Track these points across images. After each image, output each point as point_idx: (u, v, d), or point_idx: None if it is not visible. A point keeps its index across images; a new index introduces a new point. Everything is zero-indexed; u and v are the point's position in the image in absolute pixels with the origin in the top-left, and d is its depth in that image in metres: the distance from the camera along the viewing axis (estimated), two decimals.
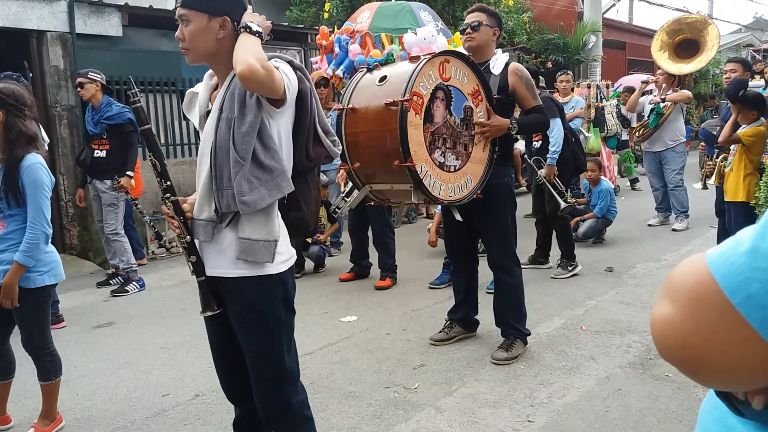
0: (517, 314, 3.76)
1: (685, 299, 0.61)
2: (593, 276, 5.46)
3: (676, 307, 0.61)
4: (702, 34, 8.64)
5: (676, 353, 0.62)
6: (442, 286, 5.22)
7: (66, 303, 5.15)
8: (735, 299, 0.56)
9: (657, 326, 0.64)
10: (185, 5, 1.88)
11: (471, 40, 3.67)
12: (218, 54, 1.93)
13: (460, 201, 3.50)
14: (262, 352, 1.99)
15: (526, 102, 3.68)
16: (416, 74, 3.21)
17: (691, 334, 0.60)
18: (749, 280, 0.55)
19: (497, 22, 3.75)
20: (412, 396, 3.28)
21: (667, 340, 0.63)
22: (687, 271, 0.62)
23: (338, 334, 4.25)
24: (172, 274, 6.27)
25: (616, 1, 16.13)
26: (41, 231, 2.80)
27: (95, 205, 5.78)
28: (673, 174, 7.23)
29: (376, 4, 7.34)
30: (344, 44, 6.37)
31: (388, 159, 3.24)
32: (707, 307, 0.58)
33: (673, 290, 0.63)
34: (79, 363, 3.97)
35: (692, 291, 0.60)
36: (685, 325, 0.60)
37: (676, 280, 0.63)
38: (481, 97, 3.54)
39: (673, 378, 3.35)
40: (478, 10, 3.75)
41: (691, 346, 0.60)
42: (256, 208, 1.86)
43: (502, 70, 3.65)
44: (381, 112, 3.28)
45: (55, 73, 6.57)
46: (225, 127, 1.87)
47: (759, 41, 26.20)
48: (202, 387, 3.52)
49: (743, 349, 0.57)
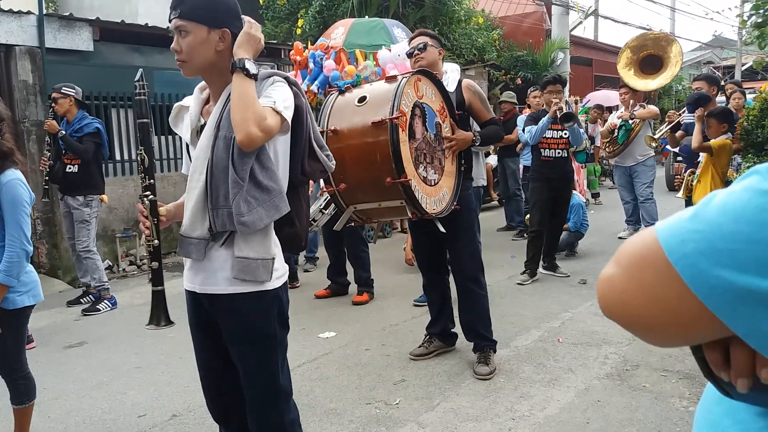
0: (486, 322, 3.83)
1: (629, 261, 0.66)
2: (567, 288, 5.54)
3: (620, 269, 0.66)
4: (665, 51, 8.91)
5: (617, 310, 0.67)
6: (425, 304, 5.12)
7: (35, 322, 5.00)
8: (672, 257, 0.60)
9: (601, 286, 0.69)
10: (184, 17, 1.85)
11: (421, 60, 3.75)
12: (216, 66, 1.92)
13: (441, 213, 3.55)
14: (256, 370, 1.96)
15: (482, 115, 3.83)
16: (401, 92, 3.26)
17: (631, 291, 0.65)
18: (686, 241, 0.60)
19: (440, 43, 3.89)
20: (394, 412, 3.27)
21: (608, 298, 0.68)
22: (636, 239, 0.67)
23: (317, 350, 4.23)
24: (144, 292, 6.15)
25: (583, 18, 16.49)
26: (21, 249, 2.72)
27: (66, 222, 5.67)
28: (644, 187, 7.41)
29: (350, 21, 7.41)
30: (318, 60, 6.39)
31: (379, 177, 3.26)
32: (648, 266, 0.63)
33: (620, 255, 0.68)
34: (50, 385, 3.86)
35: (636, 253, 0.65)
36: (627, 284, 0.65)
37: (624, 247, 0.68)
38: (446, 114, 3.64)
39: (651, 388, 3.40)
40: (421, 34, 3.89)
41: (629, 304, 0.65)
42: (255, 228, 1.86)
43: (456, 87, 3.78)
44: (368, 131, 3.29)
45: (23, 88, 6.44)
46: (223, 146, 1.85)
47: (719, 59, 27.04)
48: (179, 407, 3.46)
49: (677, 306, 0.61)
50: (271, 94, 1.87)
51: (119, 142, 7.41)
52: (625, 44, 9.24)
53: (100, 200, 5.56)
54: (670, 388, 3.40)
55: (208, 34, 1.87)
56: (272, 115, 1.81)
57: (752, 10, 5.09)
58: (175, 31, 1.89)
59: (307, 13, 10.24)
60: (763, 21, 5.04)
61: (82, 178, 5.38)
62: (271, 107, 1.83)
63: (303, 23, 10.10)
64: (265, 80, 1.91)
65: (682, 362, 3.75)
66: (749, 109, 4.83)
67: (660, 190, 8.09)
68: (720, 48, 27.10)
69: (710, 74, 6.19)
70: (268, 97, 1.86)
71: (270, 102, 1.84)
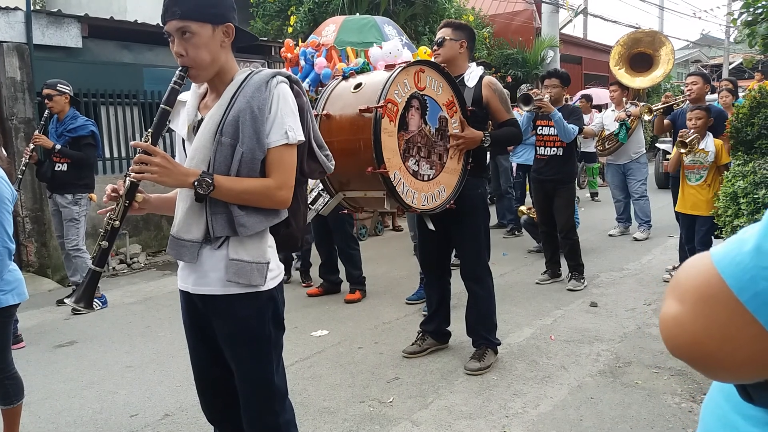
0: (488, 325, 3.81)
1: (694, 298, 0.62)
2: (559, 285, 5.55)
3: (686, 307, 0.63)
4: (657, 49, 8.97)
5: (687, 350, 0.64)
6: (420, 302, 5.06)
7: (25, 322, 4.97)
8: (743, 297, 0.58)
9: (667, 325, 0.66)
10: (186, 17, 1.77)
11: (437, 56, 3.72)
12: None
13: (433, 210, 3.51)
14: (251, 371, 1.94)
15: (500, 115, 3.72)
16: (391, 82, 3.20)
17: (701, 332, 0.62)
18: (756, 279, 0.57)
19: (464, 35, 3.76)
20: (388, 410, 3.26)
21: (677, 339, 0.65)
22: (694, 272, 0.64)
23: (309, 349, 4.21)
24: (135, 291, 6.11)
25: (573, 17, 16.54)
26: (3, 246, 2.69)
27: (54, 221, 5.61)
28: (638, 185, 7.47)
29: (341, 18, 7.38)
30: (310, 57, 6.37)
31: (362, 165, 3.22)
32: (716, 305, 0.60)
33: (681, 290, 0.65)
34: (40, 384, 3.82)
35: (701, 290, 0.62)
36: (695, 324, 0.62)
37: (683, 281, 0.65)
38: (455, 109, 3.56)
39: (643, 385, 3.42)
40: (444, 25, 3.81)
41: (701, 343, 0.62)
42: (254, 231, 1.85)
43: (477, 83, 3.69)
44: (355, 119, 3.26)
45: (11, 85, 6.37)
46: (227, 152, 1.82)
47: (706, 57, 27.24)
48: (171, 406, 3.44)
49: (752, 345, 0.59)
50: (284, 119, 1.84)
51: (108, 139, 7.34)
52: (617, 42, 9.31)
53: (89, 198, 5.51)
54: (663, 385, 3.42)
55: (213, 31, 1.82)
56: (288, 154, 1.85)
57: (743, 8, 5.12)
58: (175, 33, 1.80)
59: (298, 10, 10.20)
60: (754, 19, 5.07)
61: (71, 176, 5.33)
62: (286, 143, 1.83)
63: (294, 21, 10.06)
64: (269, 81, 1.86)
65: (674, 359, 3.74)
66: (739, 107, 4.85)
67: (650, 187, 8.13)
68: (708, 47, 27.30)
69: (704, 72, 6.22)
70: (280, 126, 1.83)
71: (283, 137, 1.83)
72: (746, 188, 3.79)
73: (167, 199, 2.06)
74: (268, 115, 1.83)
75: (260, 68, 1.96)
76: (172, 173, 1.77)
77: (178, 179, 1.79)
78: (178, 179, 1.79)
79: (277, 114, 1.84)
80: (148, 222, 7.59)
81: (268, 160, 1.85)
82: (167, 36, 1.84)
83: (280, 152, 1.85)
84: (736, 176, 4.04)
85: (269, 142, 1.84)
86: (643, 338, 4.15)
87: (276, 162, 1.85)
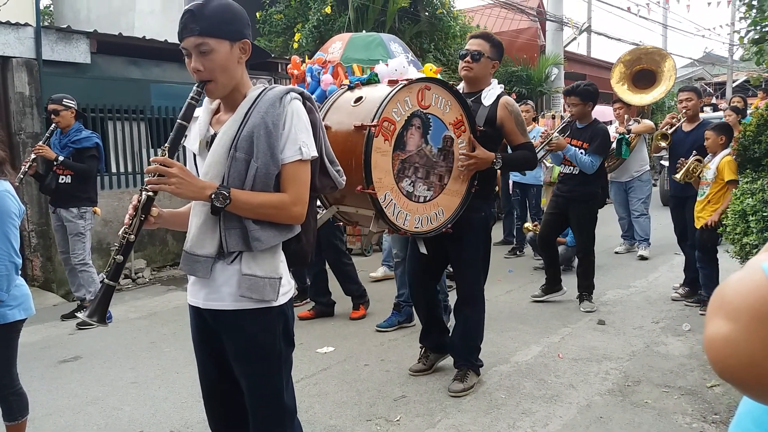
0: (471, 347, 3.72)
1: (749, 317, 0.58)
2: (566, 303, 5.52)
3: (738, 326, 0.59)
4: (659, 65, 8.98)
5: (741, 373, 0.60)
6: (391, 329, 4.88)
7: (29, 337, 4.95)
8: None
9: (716, 347, 0.62)
10: (205, 33, 1.77)
11: (469, 71, 3.57)
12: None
13: (427, 233, 3.39)
14: (261, 387, 1.93)
15: (514, 137, 3.59)
16: (388, 100, 3.09)
17: (759, 352, 0.58)
18: None
19: (499, 54, 3.62)
20: (395, 429, 3.23)
21: (729, 360, 0.61)
22: (745, 288, 0.60)
23: (315, 366, 4.18)
24: (140, 306, 6.10)
25: (577, 35, 16.64)
26: (9, 261, 2.69)
27: (58, 236, 5.60)
28: (639, 203, 7.43)
29: (347, 35, 7.43)
30: (316, 74, 6.40)
31: (354, 183, 3.09)
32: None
33: (731, 308, 0.60)
34: (44, 400, 3.79)
35: (756, 307, 0.58)
36: (752, 344, 0.58)
37: (733, 298, 0.61)
38: (464, 128, 3.42)
39: (653, 405, 3.38)
40: (483, 37, 3.64)
41: (758, 365, 0.58)
42: (269, 245, 1.85)
43: (493, 102, 3.55)
44: (349, 135, 3.17)
45: (20, 100, 6.40)
46: (242, 168, 1.83)
47: (710, 75, 27.32)
48: (176, 423, 3.41)
49: None
50: (298, 135, 1.85)
51: (115, 154, 7.37)
52: (618, 59, 9.32)
53: (94, 212, 5.52)
54: (673, 405, 3.38)
55: (231, 48, 1.83)
56: (303, 170, 1.86)
57: (750, 26, 5.13)
58: (193, 49, 1.80)
59: (304, 28, 10.27)
60: (761, 37, 5.08)
61: (75, 189, 5.32)
62: (300, 159, 1.84)
63: (300, 37, 10.13)
64: (282, 98, 1.87)
65: (684, 378, 3.73)
66: (746, 125, 4.85)
67: (655, 205, 8.11)
68: (711, 64, 27.39)
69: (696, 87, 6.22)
70: (294, 142, 1.84)
71: (297, 153, 1.84)
72: (755, 206, 3.78)
73: (179, 214, 2.07)
74: (282, 131, 1.84)
75: (273, 85, 1.97)
76: (189, 185, 1.78)
77: (195, 191, 1.79)
78: (195, 191, 1.79)
79: (291, 130, 1.85)
80: (153, 237, 7.59)
81: (283, 176, 1.86)
82: (185, 52, 1.84)
83: (295, 168, 1.85)
84: (744, 194, 4.03)
85: (283, 158, 1.84)
86: (651, 357, 4.11)
87: (290, 178, 1.85)
